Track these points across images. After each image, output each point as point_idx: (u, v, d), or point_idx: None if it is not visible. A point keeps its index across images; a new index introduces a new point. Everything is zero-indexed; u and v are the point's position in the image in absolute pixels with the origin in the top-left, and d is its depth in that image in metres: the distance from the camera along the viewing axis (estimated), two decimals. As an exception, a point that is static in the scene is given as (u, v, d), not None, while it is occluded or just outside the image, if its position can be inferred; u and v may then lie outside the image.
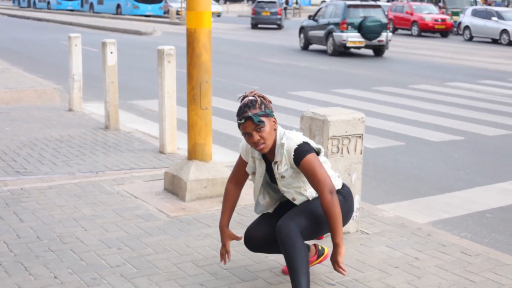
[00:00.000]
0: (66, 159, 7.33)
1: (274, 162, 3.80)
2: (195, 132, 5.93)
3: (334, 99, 12.88)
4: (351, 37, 21.93)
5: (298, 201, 3.88)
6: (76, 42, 10.06)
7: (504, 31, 30.00)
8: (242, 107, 3.71)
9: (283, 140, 3.76)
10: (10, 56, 19.70)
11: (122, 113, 10.09)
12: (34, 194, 5.90)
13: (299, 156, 3.71)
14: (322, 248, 4.28)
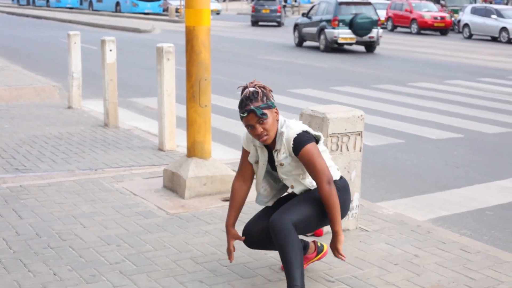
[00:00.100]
0: (65, 157, 7.33)
1: (275, 150, 3.80)
2: (194, 130, 5.92)
3: (333, 97, 12.87)
4: (342, 33, 22.35)
5: (297, 189, 3.88)
6: (75, 40, 10.06)
7: (503, 29, 29.99)
8: (244, 100, 3.69)
9: (282, 128, 3.76)
10: (9, 53, 19.69)
11: (121, 110, 10.08)
12: (33, 191, 5.90)
13: (298, 146, 3.70)
14: (322, 245, 4.27)
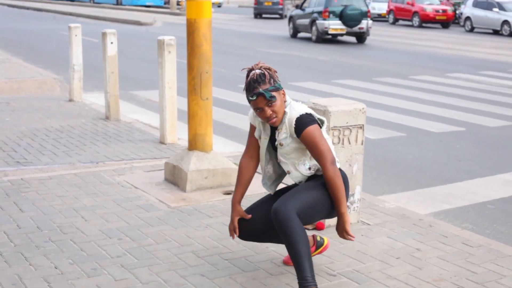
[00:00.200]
0: (66, 150, 7.32)
1: (277, 129, 3.77)
2: (196, 123, 5.91)
3: (335, 90, 12.85)
4: (333, 24, 23.06)
5: (293, 175, 3.85)
6: (76, 32, 10.04)
7: (505, 22, 29.93)
8: (252, 83, 3.65)
9: (286, 108, 3.74)
10: (10, 46, 19.67)
11: (123, 103, 10.06)
12: (34, 185, 5.89)
13: (300, 127, 3.67)
14: (322, 239, 4.24)
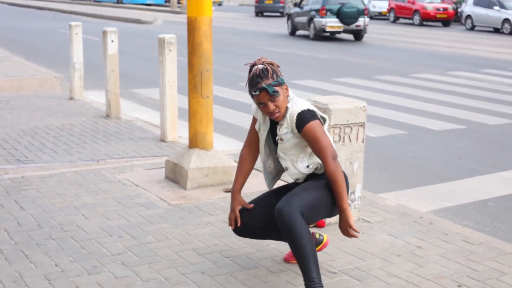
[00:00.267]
0: (67, 148, 7.32)
1: (279, 124, 3.76)
2: (196, 121, 5.91)
3: (335, 88, 12.84)
4: (330, 22, 23.39)
5: (290, 172, 3.83)
6: (76, 31, 10.03)
7: (506, 20, 29.91)
8: (255, 78, 3.66)
9: (289, 104, 3.73)
10: (11, 44, 19.66)
11: (123, 101, 10.06)
12: (35, 182, 5.89)
13: (301, 122, 3.66)
14: (321, 236, 4.22)
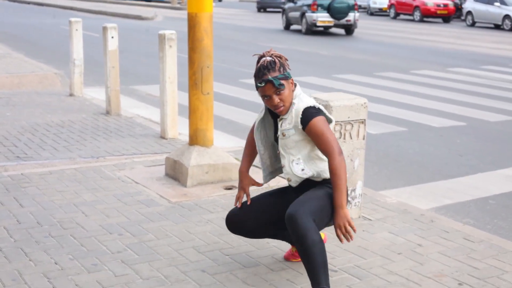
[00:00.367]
0: (66, 144, 7.31)
1: (280, 119, 3.73)
2: (197, 117, 5.89)
3: (336, 85, 12.82)
4: (321, 17, 24.11)
5: (285, 171, 3.79)
6: (77, 27, 10.01)
7: (506, 17, 29.85)
8: (262, 69, 3.63)
9: (295, 99, 3.70)
10: (11, 41, 19.63)
11: (123, 98, 10.04)
12: (34, 180, 5.88)
13: (307, 117, 3.62)
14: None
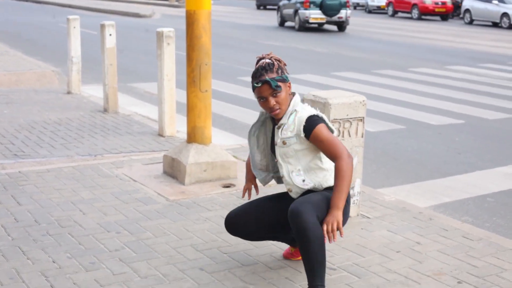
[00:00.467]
0: (64, 142, 7.29)
1: (278, 126, 3.69)
2: (195, 115, 5.87)
3: (334, 82, 12.82)
4: (313, 14, 24.85)
5: (285, 182, 3.75)
6: (74, 24, 9.99)
7: (504, 15, 29.86)
8: (259, 70, 3.62)
9: (297, 107, 3.66)
10: (9, 38, 19.60)
11: (121, 96, 10.03)
12: (32, 177, 5.86)
13: (310, 125, 3.59)
14: None
